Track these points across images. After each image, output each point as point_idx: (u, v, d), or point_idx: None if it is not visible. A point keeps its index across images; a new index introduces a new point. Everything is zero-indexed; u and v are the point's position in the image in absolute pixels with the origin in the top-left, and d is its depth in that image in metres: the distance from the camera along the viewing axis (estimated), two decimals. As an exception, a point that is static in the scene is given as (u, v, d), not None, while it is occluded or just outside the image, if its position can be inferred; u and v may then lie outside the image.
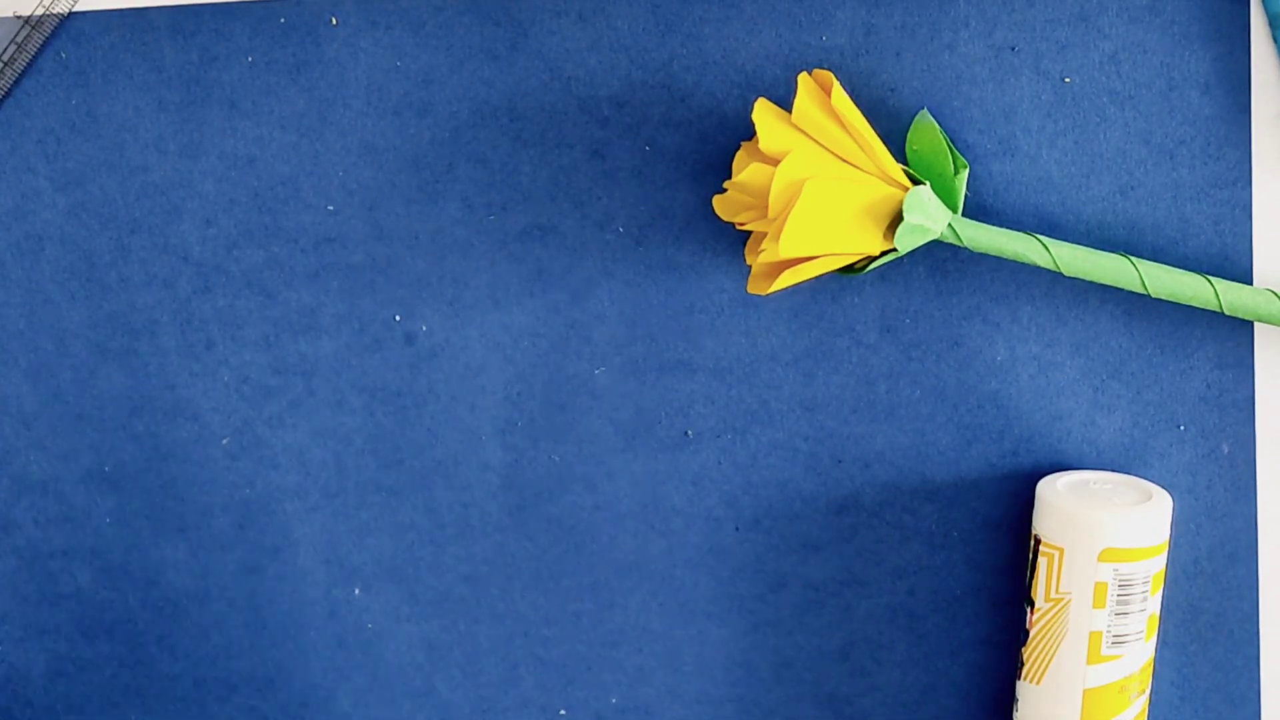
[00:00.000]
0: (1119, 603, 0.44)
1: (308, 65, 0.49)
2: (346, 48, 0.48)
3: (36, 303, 0.50)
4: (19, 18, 0.49)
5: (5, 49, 0.49)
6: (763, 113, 0.43)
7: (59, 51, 0.49)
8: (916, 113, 0.47)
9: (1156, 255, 0.47)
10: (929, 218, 0.43)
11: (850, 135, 0.43)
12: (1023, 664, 0.47)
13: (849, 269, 0.46)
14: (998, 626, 0.49)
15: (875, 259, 0.45)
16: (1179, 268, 0.46)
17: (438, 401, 0.50)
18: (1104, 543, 0.44)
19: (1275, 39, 0.41)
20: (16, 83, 0.49)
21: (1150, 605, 0.45)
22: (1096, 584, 0.44)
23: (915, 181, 0.44)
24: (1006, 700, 0.50)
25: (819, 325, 0.48)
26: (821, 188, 0.42)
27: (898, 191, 0.43)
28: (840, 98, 0.43)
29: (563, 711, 0.51)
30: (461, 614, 0.51)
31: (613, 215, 0.48)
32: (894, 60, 0.47)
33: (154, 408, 0.50)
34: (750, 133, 0.48)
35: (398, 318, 0.50)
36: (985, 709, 0.50)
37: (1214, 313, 0.47)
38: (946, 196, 0.45)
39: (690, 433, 0.49)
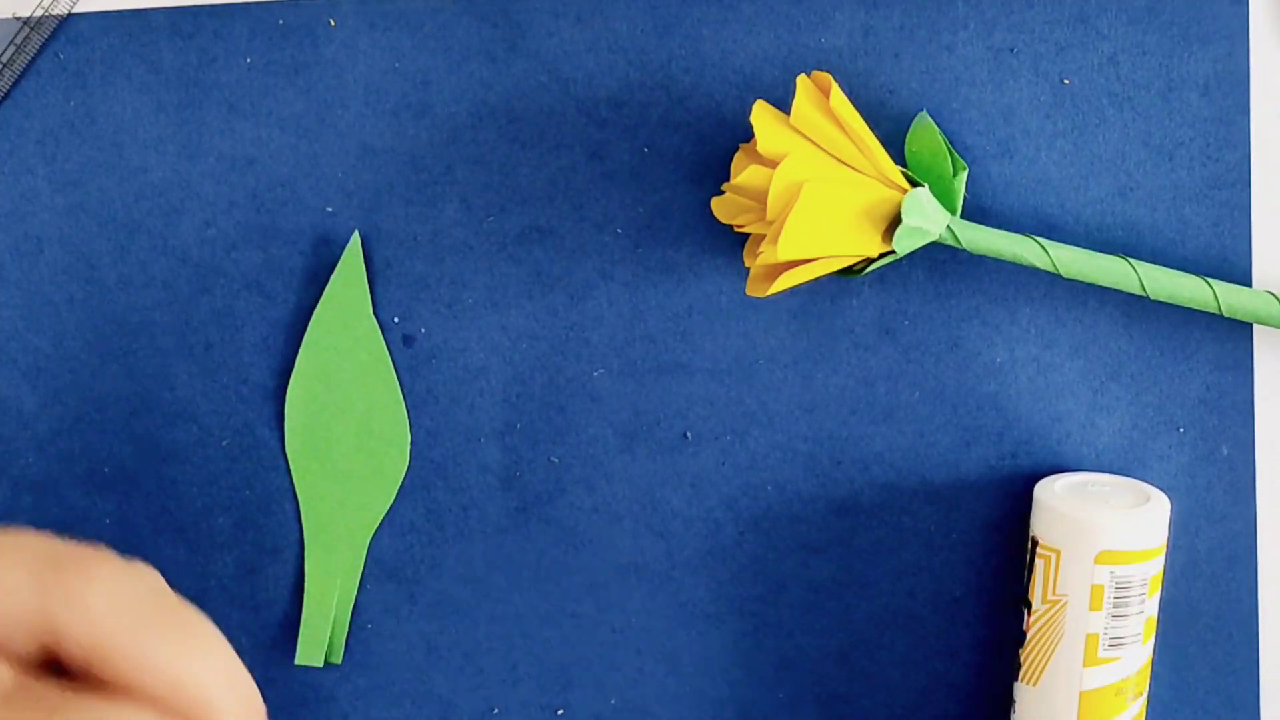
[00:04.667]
0: (1116, 605, 0.44)
1: (306, 67, 0.49)
2: (345, 49, 0.48)
3: (35, 304, 0.50)
4: (18, 19, 0.49)
5: (4, 50, 0.49)
6: (761, 115, 0.43)
7: (57, 53, 0.49)
8: (915, 114, 0.47)
9: (1155, 257, 0.47)
10: (927, 220, 0.43)
11: (849, 137, 0.43)
12: (1020, 666, 0.47)
13: (847, 271, 0.46)
14: (996, 628, 0.50)
15: (874, 261, 0.45)
16: (1178, 270, 0.46)
17: (436, 403, 0.50)
18: (1101, 545, 0.44)
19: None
20: (15, 84, 0.49)
21: (1148, 607, 0.45)
22: (1093, 586, 0.44)
23: (914, 183, 0.44)
24: (1004, 701, 0.50)
25: (818, 327, 0.48)
26: (820, 190, 0.42)
27: (896, 193, 0.43)
28: (839, 100, 0.43)
29: (560, 711, 0.51)
30: (460, 615, 0.51)
31: (611, 217, 0.48)
32: (893, 62, 0.47)
33: (153, 409, 0.50)
34: (749, 135, 0.47)
35: (396, 319, 0.50)
36: (983, 710, 0.50)
37: (1213, 315, 0.47)
38: (945, 198, 0.45)
39: (689, 435, 0.49)
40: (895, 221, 0.44)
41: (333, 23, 0.48)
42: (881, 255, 0.45)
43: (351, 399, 0.49)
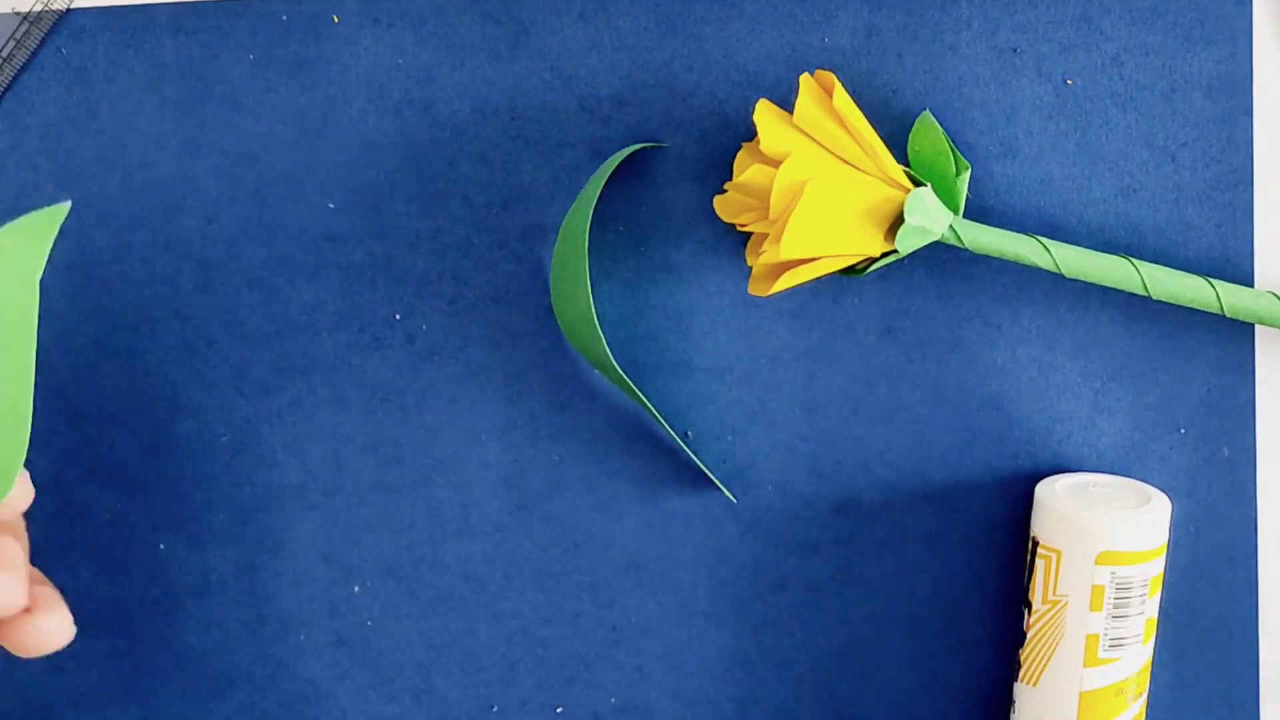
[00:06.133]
0: (1116, 606, 0.44)
1: (309, 63, 0.48)
2: (348, 46, 0.48)
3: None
4: (18, 14, 0.49)
5: (4, 45, 0.49)
6: (764, 114, 0.43)
7: (59, 48, 0.49)
8: (918, 114, 0.47)
9: (1158, 257, 0.47)
10: (930, 219, 0.43)
11: (852, 136, 0.43)
12: (1020, 666, 0.47)
13: (850, 270, 0.46)
14: (996, 628, 0.50)
15: (876, 260, 0.45)
16: (1180, 270, 0.46)
17: (438, 400, 0.50)
18: (1101, 545, 0.44)
19: None
20: (16, 79, 0.49)
21: (1148, 608, 0.45)
22: (1094, 587, 0.44)
23: (916, 183, 0.44)
24: (1004, 702, 0.50)
25: (819, 326, 0.48)
26: (823, 189, 0.42)
27: (899, 193, 0.43)
28: (842, 99, 0.43)
29: (560, 709, 0.51)
30: (461, 612, 0.51)
31: (613, 215, 0.48)
32: (896, 61, 0.47)
33: (154, 405, 0.50)
34: (751, 133, 0.47)
35: (398, 316, 0.49)
36: (983, 710, 0.50)
37: (1215, 315, 0.47)
38: (948, 198, 0.45)
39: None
40: (898, 221, 0.44)
41: (336, 19, 0.48)
42: (884, 254, 0.45)
43: None
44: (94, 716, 0.53)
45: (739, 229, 0.46)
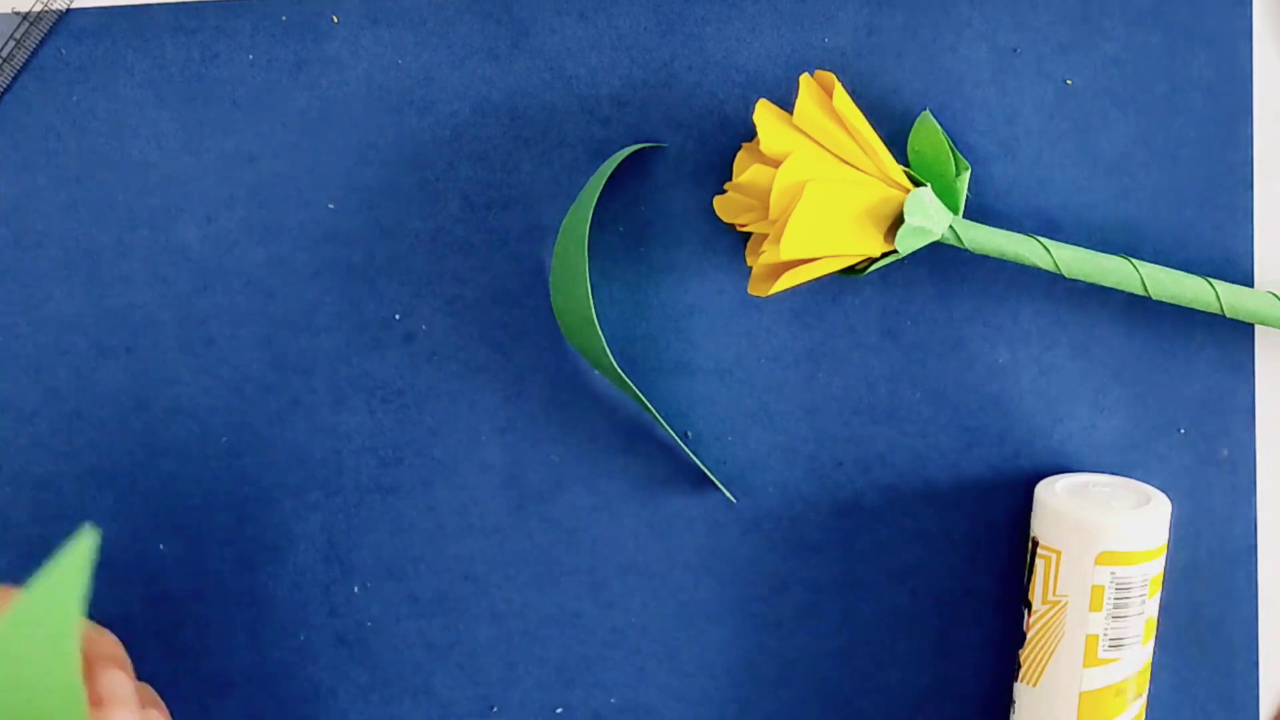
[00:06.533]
0: (1116, 606, 0.44)
1: (309, 63, 0.48)
2: (347, 46, 0.48)
3: (36, 299, 0.50)
4: (17, 14, 0.49)
5: (4, 45, 0.49)
6: (764, 114, 0.43)
7: (59, 48, 0.49)
8: (918, 114, 0.47)
9: (1157, 258, 0.47)
10: (930, 219, 0.43)
11: (852, 137, 0.43)
12: (1020, 666, 0.47)
13: (850, 270, 0.46)
14: (996, 628, 0.50)
15: (876, 261, 0.45)
16: (1180, 270, 0.46)
17: (437, 400, 0.50)
18: (1101, 546, 0.44)
19: None
20: (15, 78, 0.49)
21: (1148, 609, 0.45)
22: (1094, 587, 0.44)
23: (916, 183, 0.44)
24: (1004, 701, 0.50)
25: (819, 327, 0.48)
26: (822, 189, 0.42)
27: (899, 193, 0.43)
28: (842, 99, 0.43)
29: (560, 710, 0.51)
30: (460, 613, 0.51)
31: (613, 215, 0.48)
32: (896, 61, 0.47)
33: (153, 405, 0.50)
34: (751, 134, 0.47)
35: (398, 316, 0.49)
36: (983, 710, 0.50)
37: (1215, 315, 0.47)
38: (948, 198, 0.45)
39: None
40: (898, 221, 0.44)
41: (335, 19, 0.48)
42: (884, 255, 0.45)
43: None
44: (93, 717, 0.53)
45: (739, 229, 0.46)
